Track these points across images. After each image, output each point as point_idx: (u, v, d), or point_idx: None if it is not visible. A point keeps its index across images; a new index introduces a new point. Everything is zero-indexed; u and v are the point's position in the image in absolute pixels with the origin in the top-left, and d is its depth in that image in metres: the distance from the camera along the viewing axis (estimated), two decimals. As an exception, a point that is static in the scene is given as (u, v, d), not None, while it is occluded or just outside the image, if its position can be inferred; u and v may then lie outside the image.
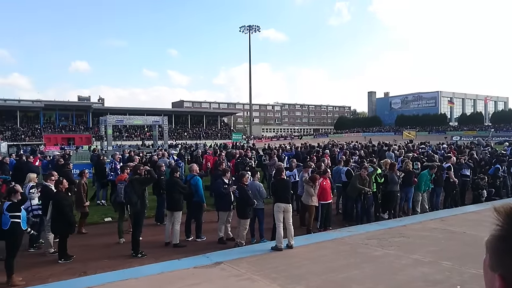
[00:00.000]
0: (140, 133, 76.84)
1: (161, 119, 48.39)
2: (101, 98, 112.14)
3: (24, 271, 7.02)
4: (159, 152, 18.43)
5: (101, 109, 78.97)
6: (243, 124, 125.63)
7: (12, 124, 70.66)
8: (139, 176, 8.37)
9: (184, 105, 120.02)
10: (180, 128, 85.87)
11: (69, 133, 72.33)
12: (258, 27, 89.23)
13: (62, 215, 7.65)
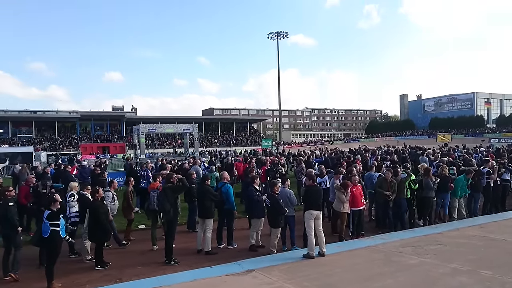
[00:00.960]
0: (172, 141, 78.21)
1: (192, 127, 49.30)
2: (134, 107, 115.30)
3: (63, 277, 7.26)
4: (190, 160, 18.67)
5: (134, 118, 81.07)
6: (272, 130, 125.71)
7: (50, 134, 73.62)
8: (171, 185, 8.51)
9: (214, 112, 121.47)
10: (210, 135, 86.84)
11: (104, 142, 74.54)
12: (286, 33, 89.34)
13: (98, 223, 7.88)
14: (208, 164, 18.70)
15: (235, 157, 22.47)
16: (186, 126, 51.56)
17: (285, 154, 25.07)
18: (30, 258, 8.16)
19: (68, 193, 8.84)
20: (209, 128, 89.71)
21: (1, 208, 7.54)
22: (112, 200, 9.32)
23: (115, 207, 9.56)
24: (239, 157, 22.48)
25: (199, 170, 14.48)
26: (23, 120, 75.35)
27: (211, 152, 49.20)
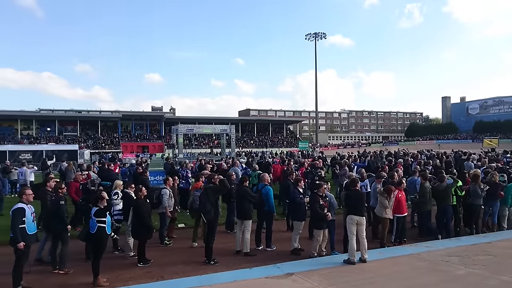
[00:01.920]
0: (209, 141, 79.25)
1: (229, 127, 49.75)
2: (173, 108, 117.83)
3: (108, 273, 7.48)
4: (228, 161, 18.82)
5: (172, 119, 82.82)
6: (309, 132, 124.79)
7: (94, 133, 76.57)
8: (213, 185, 8.60)
9: (250, 113, 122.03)
10: (246, 136, 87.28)
11: (143, 142, 76.74)
12: (324, 34, 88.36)
13: (141, 221, 8.07)
14: (245, 165, 18.79)
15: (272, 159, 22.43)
16: (223, 127, 52.10)
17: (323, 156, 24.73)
18: (78, 252, 8.50)
19: (112, 191, 9.13)
20: (245, 129, 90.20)
21: (53, 205, 7.89)
22: (169, 197, 9.57)
23: (171, 204, 9.82)
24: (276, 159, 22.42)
25: (238, 171, 14.56)
26: (69, 119, 78.82)
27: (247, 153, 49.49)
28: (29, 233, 6.89)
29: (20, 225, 6.74)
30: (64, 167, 17.89)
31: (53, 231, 7.88)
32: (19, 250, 6.74)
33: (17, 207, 6.88)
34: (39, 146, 44.62)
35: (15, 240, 6.71)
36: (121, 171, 17.27)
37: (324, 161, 23.22)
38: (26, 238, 6.82)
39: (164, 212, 9.69)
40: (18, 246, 6.69)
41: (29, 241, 6.91)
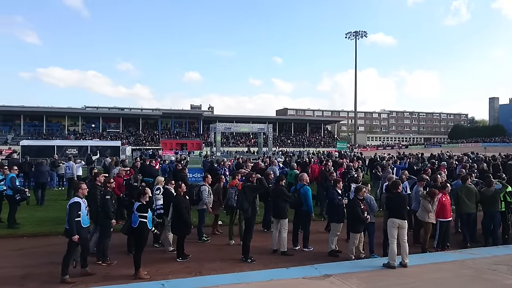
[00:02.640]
0: (246, 140, 79.80)
1: (266, 126, 49.79)
2: (211, 106, 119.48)
3: (148, 266, 7.69)
4: (266, 160, 18.85)
5: (210, 117, 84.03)
6: (347, 132, 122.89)
7: (135, 130, 79.06)
8: (250, 184, 8.65)
9: (288, 112, 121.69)
10: (284, 135, 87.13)
11: (182, 139, 78.38)
12: (365, 32, 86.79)
13: (180, 217, 8.24)
14: (282, 164, 18.75)
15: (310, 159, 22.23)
16: (261, 126, 52.21)
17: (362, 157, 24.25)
18: (121, 245, 8.80)
19: (154, 187, 9.38)
20: (283, 128, 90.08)
21: (100, 199, 8.22)
22: (208, 194, 9.75)
23: (211, 200, 10.00)
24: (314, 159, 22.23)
25: (276, 170, 14.55)
26: (112, 116, 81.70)
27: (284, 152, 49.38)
28: (83, 226, 7.27)
29: (76, 218, 7.11)
30: (108, 162, 18.57)
31: (100, 224, 8.19)
32: (73, 242, 7.08)
33: (73, 201, 7.23)
34: (85, 142, 46.55)
35: (70, 232, 7.06)
36: (161, 168, 17.70)
37: (363, 162, 22.77)
38: (81, 230, 7.19)
39: (203, 209, 9.86)
40: (72, 239, 7.03)
41: (83, 234, 7.29)
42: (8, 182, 11.31)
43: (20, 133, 70.61)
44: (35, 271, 7.62)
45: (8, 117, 73.69)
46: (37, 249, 9.22)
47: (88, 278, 7.23)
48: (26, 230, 10.70)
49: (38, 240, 10.01)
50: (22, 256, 8.66)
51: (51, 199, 15.65)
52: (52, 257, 8.46)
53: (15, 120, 73.71)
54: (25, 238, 10.17)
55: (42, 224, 11.37)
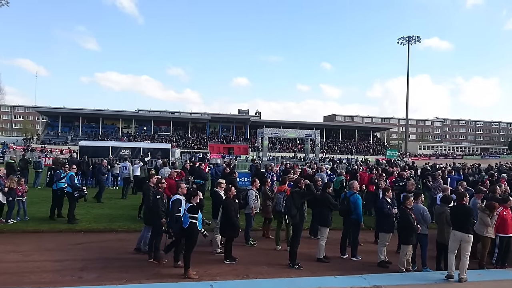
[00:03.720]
0: (292, 146, 79.55)
1: (313, 132, 49.45)
2: (258, 111, 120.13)
3: (197, 267, 7.84)
4: (313, 166, 18.70)
5: (257, 122, 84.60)
6: (397, 140, 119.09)
7: (184, 133, 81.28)
8: (299, 189, 8.61)
9: (335, 119, 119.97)
10: (331, 142, 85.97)
11: (229, 143, 79.50)
12: (419, 37, 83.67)
13: (229, 220, 8.36)
14: (330, 171, 18.50)
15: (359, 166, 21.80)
16: (308, 132, 51.94)
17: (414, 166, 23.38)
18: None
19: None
20: (330, 135, 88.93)
21: (152, 199, 8.53)
22: (255, 198, 9.85)
23: (258, 205, 10.10)
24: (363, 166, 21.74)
25: (324, 176, 14.39)
26: (163, 119, 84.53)
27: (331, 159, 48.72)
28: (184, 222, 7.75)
29: (176, 214, 7.69)
30: (159, 164, 19.21)
31: (151, 223, 8.50)
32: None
33: (175, 198, 7.89)
34: (137, 144, 48.44)
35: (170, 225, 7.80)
36: (210, 171, 18.06)
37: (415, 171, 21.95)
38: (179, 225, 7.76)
39: (250, 213, 9.93)
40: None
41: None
42: (67, 180, 12.03)
43: (78, 134, 74.83)
44: (92, 265, 8.02)
45: (69, 119, 78.37)
46: (93, 244, 9.70)
47: (140, 275, 7.51)
48: (83, 226, 11.30)
49: (94, 235, 10.54)
50: (80, 250, 9.15)
51: (105, 198, 16.40)
52: (106, 253, 8.92)
53: (74, 122, 78.24)
54: (82, 233, 10.75)
55: (98, 220, 11.96)
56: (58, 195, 12.17)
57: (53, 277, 7.26)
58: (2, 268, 7.66)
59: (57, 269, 7.71)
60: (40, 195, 15.00)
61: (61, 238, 10.22)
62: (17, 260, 8.21)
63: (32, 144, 65.69)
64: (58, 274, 7.43)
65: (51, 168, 17.41)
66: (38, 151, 47.73)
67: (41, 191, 16.76)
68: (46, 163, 26.62)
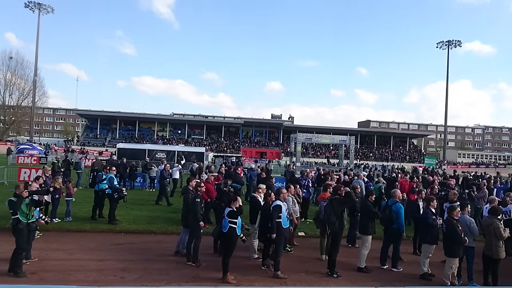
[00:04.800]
0: (325, 151, 78.72)
1: (348, 138, 48.66)
2: (291, 116, 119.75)
3: (235, 271, 7.83)
4: (349, 173, 18.38)
5: (290, 127, 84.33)
6: (435, 148, 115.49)
7: (217, 137, 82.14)
8: (338, 197, 8.46)
9: (370, 124, 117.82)
10: (365, 148, 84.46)
11: (262, 148, 79.69)
12: (459, 41, 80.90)
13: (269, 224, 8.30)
14: (367, 178, 18.10)
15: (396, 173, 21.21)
16: (342, 137, 51.09)
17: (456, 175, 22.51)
18: (209, 247, 9.13)
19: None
20: (365, 141, 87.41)
21: (190, 202, 8.63)
22: (293, 204, 9.77)
23: (296, 210, 9.99)
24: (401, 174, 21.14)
25: (363, 184, 14.10)
26: (197, 123, 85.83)
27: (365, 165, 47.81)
28: (284, 226, 8.09)
29: (276, 219, 7.93)
30: (195, 167, 19.45)
31: (190, 226, 8.58)
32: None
33: (276, 204, 8.14)
34: (172, 147, 49.28)
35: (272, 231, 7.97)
36: (246, 176, 18.09)
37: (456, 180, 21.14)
38: (282, 231, 8.02)
39: None
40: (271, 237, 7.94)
41: (284, 233, 8.16)
42: (107, 181, 12.38)
43: (116, 136, 77.14)
44: (133, 266, 8.19)
45: (107, 122, 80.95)
46: (133, 245, 9.90)
47: (180, 278, 7.59)
48: (123, 226, 11.57)
49: (133, 236, 10.79)
50: (121, 250, 9.37)
51: (143, 199, 16.77)
52: (146, 254, 9.08)
53: (112, 124, 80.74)
54: (122, 234, 11.01)
55: (137, 222, 12.22)
56: (100, 196, 12.54)
57: (96, 276, 7.46)
58: (48, 266, 7.95)
59: (100, 268, 7.92)
60: (82, 196, 15.49)
61: (103, 238, 10.51)
62: (62, 258, 8.49)
63: (72, 145, 68.30)
64: (101, 274, 7.63)
65: (93, 169, 17.99)
66: (77, 152, 49.53)
67: (82, 191, 17.32)
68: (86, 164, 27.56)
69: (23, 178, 19.37)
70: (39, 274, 7.43)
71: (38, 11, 67.18)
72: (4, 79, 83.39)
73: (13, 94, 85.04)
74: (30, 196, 7.88)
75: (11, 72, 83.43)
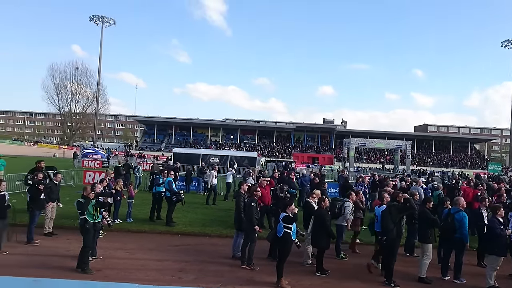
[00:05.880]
0: (380, 156, 76.47)
1: (404, 143, 47.06)
2: (344, 120, 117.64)
3: (288, 276, 7.82)
4: (407, 179, 17.73)
5: (343, 132, 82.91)
6: (500, 153, 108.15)
7: (269, 142, 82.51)
8: (397, 203, 8.19)
9: (427, 129, 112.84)
10: (423, 153, 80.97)
11: (314, 153, 78.95)
12: (527, 39, 75.41)
13: (322, 230, 8.22)
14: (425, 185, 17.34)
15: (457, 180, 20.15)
16: (398, 142, 49.49)
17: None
18: (263, 251, 9.18)
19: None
20: (422, 146, 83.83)
21: (245, 206, 8.75)
22: (351, 211, 9.63)
23: (351, 218, 9.87)
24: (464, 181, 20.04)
25: (421, 190, 13.53)
26: (249, 128, 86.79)
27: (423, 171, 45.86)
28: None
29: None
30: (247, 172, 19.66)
31: (245, 230, 8.69)
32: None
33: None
34: (225, 152, 50.24)
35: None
36: (299, 181, 18.02)
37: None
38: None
39: (342, 225, 9.68)
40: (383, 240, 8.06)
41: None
42: (166, 185, 12.86)
43: (171, 141, 79.91)
44: (189, 267, 8.43)
45: (163, 127, 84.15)
46: (189, 247, 10.20)
47: (235, 281, 7.70)
48: (180, 229, 11.94)
49: (189, 238, 11.10)
50: (178, 251, 9.68)
51: (198, 203, 17.23)
52: (202, 256, 9.31)
53: (168, 130, 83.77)
54: (179, 235, 11.37)
55: (193, 224, 12.57)
56: (157, 198, 13.07)
57: (155, 276, 7.76)
58: (112, 264, 8.40)
59: (159, 268, 8.24)
60: (141, 198, 16.19)
61: (161, 239, 10.92)
62: (124, 257, 8.93)
63: (131, 150, 71.68)
64: (160, 273, 7.93)
65: (152, 173, 18.77)
66: (136, 157, 51.89)
67: (141, 193, 18.12)
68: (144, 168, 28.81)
69: (88, 180, 20.66)
70: (103, 271, 7.87)
71: (101, 24, 71.39)
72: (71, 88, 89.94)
73: (79, 102, 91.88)
74: (96, 198, 8.37)
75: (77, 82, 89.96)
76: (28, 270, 7.63)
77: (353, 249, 10.40)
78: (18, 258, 8.49)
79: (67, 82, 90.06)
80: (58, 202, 11.10)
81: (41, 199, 10.18)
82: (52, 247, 9.48)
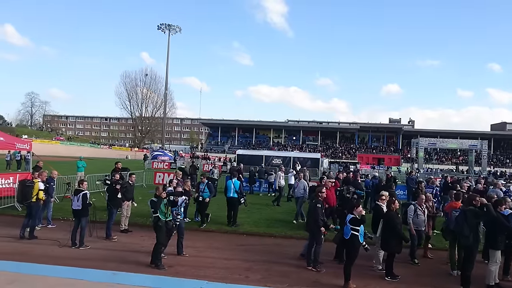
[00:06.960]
0: (452, 157, 72.14)
1: (480, 143, 43.97)
2: (411, 120, 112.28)
3: (356, 280, 7.64)
4: (480, 180, 16.58)
5: (411, 132, 79.32)
6: None
7: (332, 143, 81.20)
8: (473, 208, 7.69)
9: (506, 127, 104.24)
10: (500, 154, 75.07)
11: (379, 154, 76.38)
12: None
13: (394, 234, 7.94)
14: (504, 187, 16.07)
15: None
16: (473, 142, 46.32)
17: None
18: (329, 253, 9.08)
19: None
20: (499, 146, 77.75)
21: (310, 207, 8.72)
22: (414, 214, 9.27)
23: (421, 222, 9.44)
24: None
25: (501, 193, 12.58)
26: (311, 129, 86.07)
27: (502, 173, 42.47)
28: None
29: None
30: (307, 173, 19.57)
31: (310, 231, 8.66)
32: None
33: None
34: (288, 153, 50.29)
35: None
36: (364, 182, 17.59)
37: None
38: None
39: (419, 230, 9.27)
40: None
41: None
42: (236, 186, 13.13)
43: (234, 143, 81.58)
44: (256, 266, 8.57)
45: (226, 129, 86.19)
46: (254, 247, 10.35)
47: (300, 282, 7.70)
48: (245, 229, 12.16)
49: (255, 239, 11.27)
50: (244, 251, 9.88)
51: (262, 203, 17.43)
52: (268, 256, 9.41)
53: (231, 132, 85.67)
54: (245, 235, 11.59)
55: (258, 224, 12.75)
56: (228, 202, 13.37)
57: (224, 274, 7.98)
58: (182, 261, 8.78)
59: (227, 267, 8.46)
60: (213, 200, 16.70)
61: (227, 238, 11.20)
62: (193, 255, 9.28)
63: (196, 152, 74.26)
64: (228, 271, 8.15)
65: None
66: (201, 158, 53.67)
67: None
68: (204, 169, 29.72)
69: (158, 181, 21.72)
70: (175, 268, 8.25)
71: (168, 31, 74.81)
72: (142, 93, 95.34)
73: (148, 107, 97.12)
74: (168, 197, 8.80)
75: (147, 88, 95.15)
76: (107, 264, 8.22)
77: (425, 254, 9.93)
78: (100, 252, 9.19)
79: (138, 88, 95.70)
80: (132, 201, 11.82)
81: (118, 198, 10.95)
82: (128, 243, 10.13)
